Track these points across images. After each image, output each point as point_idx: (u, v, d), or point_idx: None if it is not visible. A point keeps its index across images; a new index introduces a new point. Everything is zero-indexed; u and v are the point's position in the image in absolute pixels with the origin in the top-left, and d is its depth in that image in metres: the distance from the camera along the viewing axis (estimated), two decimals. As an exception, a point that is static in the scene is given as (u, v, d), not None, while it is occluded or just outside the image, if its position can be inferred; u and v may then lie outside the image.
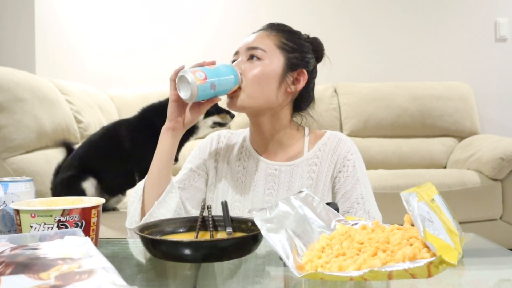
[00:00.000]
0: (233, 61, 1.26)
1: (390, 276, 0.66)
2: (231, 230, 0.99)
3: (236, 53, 1.27)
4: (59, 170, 2.05)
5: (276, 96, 1.24)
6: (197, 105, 1.20)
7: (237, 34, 1.33)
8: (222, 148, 1.37)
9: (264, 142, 1.31)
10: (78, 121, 2.66)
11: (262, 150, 1.32)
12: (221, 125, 1.99)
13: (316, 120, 1.35)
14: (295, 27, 1.33)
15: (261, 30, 1.29)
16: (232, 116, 1.99)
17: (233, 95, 1.21)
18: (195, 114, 1.21)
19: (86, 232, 0.88)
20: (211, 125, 2.00)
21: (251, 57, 1.22)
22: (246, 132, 1.39)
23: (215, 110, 1.96)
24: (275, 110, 1.26)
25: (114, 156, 2.02)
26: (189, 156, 1.40)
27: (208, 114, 1.96)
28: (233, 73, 1.18)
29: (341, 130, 3.47)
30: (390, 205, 2.62)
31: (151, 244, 0.89)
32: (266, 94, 1.23)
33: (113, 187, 2.08)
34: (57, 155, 2.32)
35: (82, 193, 1.92)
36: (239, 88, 1.20)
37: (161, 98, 2.02)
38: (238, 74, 1.19)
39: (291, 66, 1.26)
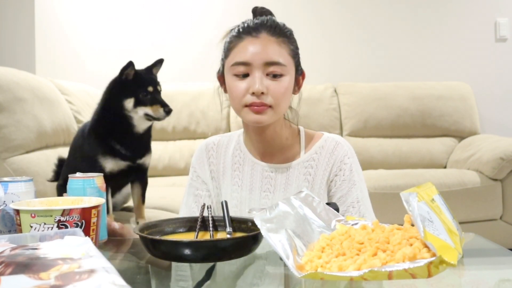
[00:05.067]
0: (244, 74, 1.19)
1: (390, 276, 0.66)
2: (231, 230, 0.99)
3: (246, 64, 1.19)
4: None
5: (289, 103, 1.26)
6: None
7: (237, 34, 1.30)
8: (214, 156, 1.35)
9: (263, 146, 1.30)
10: (78, 121, 2.66)
11: (259, 153, 1.31)
12: (154, 118, 1.79)
13: (294, 109, 1.34)
14: (295, 27, 1.31)
15: (261, 31, 1.20)
16: (168, 112, 1.78)
17: (261, 111, 1.18)
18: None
19: (86, 232, 0.88)
20: (145, 117, 1.79)
21: (273, 75, 1.18)
22: (237, 134, 1.37)
23: (149, 100, 1.78)
24: None
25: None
26: (188, 178, 1.38)
27: (138, 104, 1.78)
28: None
29: (341, 130, 3.47)
30: (390, 205, 2.63)
31: (151, 244, 0.89)
32: (286, 106, 1.25)
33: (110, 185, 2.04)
34: (57, 155, 2.32)
35: None
36: (270, 106, 1.18)
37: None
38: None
39: (298, 71, 1.26)
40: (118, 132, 1.81)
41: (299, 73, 1.27)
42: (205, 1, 3.73)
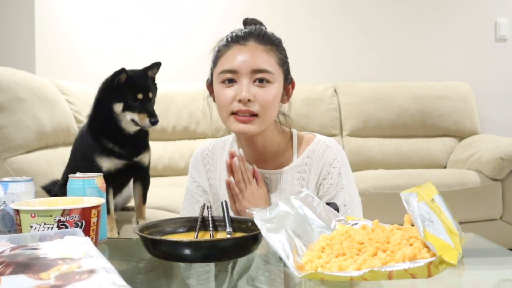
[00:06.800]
0: (229, 79, 1.19)
1: (390, 276, 0.66)
2: (231, 230, 0.99)
3: (233, 72, 1.19)
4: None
5: (277, 112, 1.25)
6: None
7: (237, 34, 1.30)
8: (210, 163, 1.36)
9: (255, 153, 1.30)
10: (78, 121, 2.67)
11: (253, 159, 1.31)
12: (137, 125, 1.76)
13: (289, 117, 1.34)
14: (296, 27, 1.32)
15: (249, 40, 1.22)
16: (153, 123, 1.74)
17: (248, 121, 1.18)
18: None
19: (86, 232, 0.88)
20: (132, 122, 1.76)
21: (260, 81, 1.18)
22: (231, 138, 1.37)
23: (137, 107, 1.75)
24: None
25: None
26: (187, 188, 1.40)
27: (127, 109, 1.75)
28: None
29: (341, 130, 3.47)
30: (390, 205, 2.63)
31: (151, 244, 0.89)
32: (274, 115, 1.24)
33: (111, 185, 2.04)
34: (57, 155, 2.32)
35: None
36: (257, 115, 1.18)
37: (161, 97, 1.97)
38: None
39: (287, 80, 1.26)
40: (110, 132, 1.80)
41: (288, 82, 1.27)
42: (205, 1, 3.73)
